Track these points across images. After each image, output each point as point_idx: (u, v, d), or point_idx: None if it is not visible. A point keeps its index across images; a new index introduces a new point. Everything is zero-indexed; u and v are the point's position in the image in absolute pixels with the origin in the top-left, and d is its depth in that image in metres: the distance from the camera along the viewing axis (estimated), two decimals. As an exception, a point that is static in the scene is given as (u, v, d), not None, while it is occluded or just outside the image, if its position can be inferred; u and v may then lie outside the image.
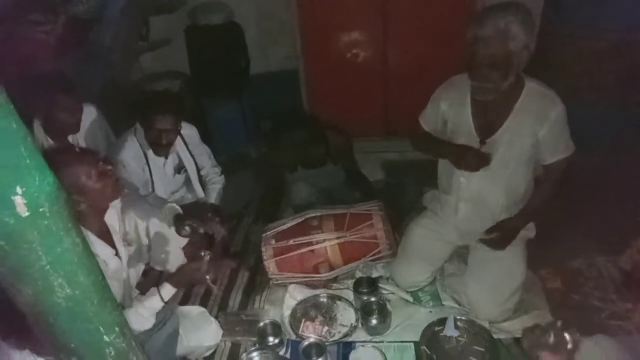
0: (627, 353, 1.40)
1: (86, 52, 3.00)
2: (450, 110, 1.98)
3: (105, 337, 0.74)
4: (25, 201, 0.59)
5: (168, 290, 1.83)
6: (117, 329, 0.76)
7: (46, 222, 0.62)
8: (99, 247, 1.72)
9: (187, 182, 2.69)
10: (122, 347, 0.77)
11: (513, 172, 1.91)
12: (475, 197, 2.00)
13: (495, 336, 1.93)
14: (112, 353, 0.76)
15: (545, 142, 1.83)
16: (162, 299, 1.81)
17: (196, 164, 2.64)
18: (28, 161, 0.59)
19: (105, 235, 1.81)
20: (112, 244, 1.81)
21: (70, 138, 2.50)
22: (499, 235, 2.00)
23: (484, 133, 1.90)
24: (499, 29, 1.64)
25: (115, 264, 1.81)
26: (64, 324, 0.69)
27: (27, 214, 0.59)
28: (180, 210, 2.28)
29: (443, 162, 2.07)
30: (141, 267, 2.04)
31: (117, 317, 0.76)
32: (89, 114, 2.57)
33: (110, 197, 1.81)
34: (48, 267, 0.64)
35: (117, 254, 1.82)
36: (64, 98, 2.31)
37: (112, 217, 1.86)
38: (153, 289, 1.84)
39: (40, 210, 0.61)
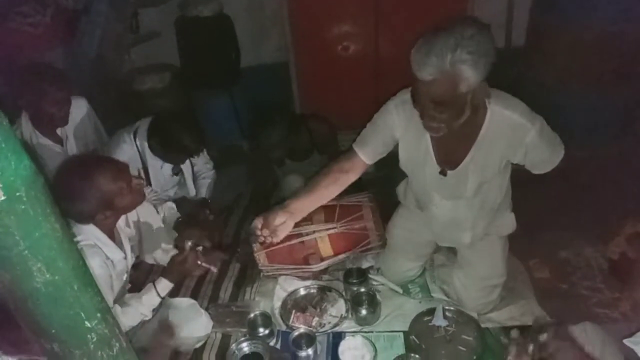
0: (612, 340, 1.42)
1: (75, 44, 2.98)
2: (405, 138, 1.75)
3: (86, 322, 0.73)
4: (1, 185, 0.58)
5: (164, 286, 1.84)
6: (99, 314, 0.75)
7: (23, 207, 0.61)
8: (112, 251, 1.73)
9: (181, 180, 2.70)
10: (104, 333, 0.76)
11: (486, 192, 1.78)
12: (449, 219, 1.90)
13: (483, 325, 1.96)
14: (94, 339, 0.75)
15: (527, 163, 1.67)
16: (158, 294, 1.82)
17: (191, 163, 2.64)
18: (3, 145, 0.58)
19: (116, 236, 1.81)
20: (121, 245, 1.82)
21: (59, 131, 2.48)
22: None
23: (447, 164, 1.72)
24: (443, 71, 1.36)
25: (122, 265, 1.81)
26: (44, 310, 0.69)
27: (2, 198, 0.59)
28: (177, 213, 2.28)
29: (409, 177, 1.95)
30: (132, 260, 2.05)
31: (99, 303, 0.76)
32: (79, 107, 2.55)
33: (136, 206, 1.83)
34: (26, 252, 0.63)
35: (125, 257, 1.82)
36: (52, 90, 2.28)
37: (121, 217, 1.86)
38: (149, 285, 1.86)
39: (17, 194, 0.60)
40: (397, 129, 1.74)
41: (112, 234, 1.78)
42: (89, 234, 1.67)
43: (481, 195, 1.78)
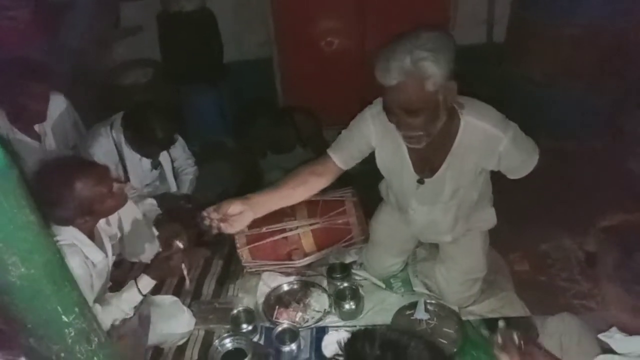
0: (589, 329, 1.45)
1: (56, 38, 2.93)
2: (381, 147, 1.77)
3: (64, 317, 0.73)
4: (-27, 177, 0.58)
5: (146, 283, 1.82)
6: (76, 309, 0.75)
7: (-3, 199, 0.61)
8: (92, 251, 1.70)
9: (161, 174, 2.67)
10: (82, 327, 0.76)
11: (462, 195, 1.79)
12: (427, 222, 1.92)
13: (464, 318, 1.98)
14: (72, 333, 0.75)
15: (502, 169, 1.70)
16: (140, 291, 1.80)
17: (171, 157, 2.62)
18: (-24, 136, 0.58)
19: (96, 236, 1.78)
20: (101, 245, 1.79)
21: (36, 127, 2.44)
22: None
23: (423, 172, 1.74)
24: (406, 71, 1.38)
25: (103, 264, 1.78)
26: (20, 304, 0.68)
27: (-25, 190, 0.58)
28: (158, 209, 2.26)
29: (388, 182, 1.97)
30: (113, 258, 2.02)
31: (76, 297, 0.75)
32: (58, 103, 2.50)
33: (117, 210, 1.80)
34: (0, 245, 0.62)
35: (106, 256, 1.80)
36: (29, 84, 2.24)
37: None
38: (131, 282, 1.83)
39: (-10, 187, 0.60)
40: (373, 138, 1.75)
41: (92, 234, 1.75)
42: (68, 235, 1.64)
43: (457, 199, 1.81)
